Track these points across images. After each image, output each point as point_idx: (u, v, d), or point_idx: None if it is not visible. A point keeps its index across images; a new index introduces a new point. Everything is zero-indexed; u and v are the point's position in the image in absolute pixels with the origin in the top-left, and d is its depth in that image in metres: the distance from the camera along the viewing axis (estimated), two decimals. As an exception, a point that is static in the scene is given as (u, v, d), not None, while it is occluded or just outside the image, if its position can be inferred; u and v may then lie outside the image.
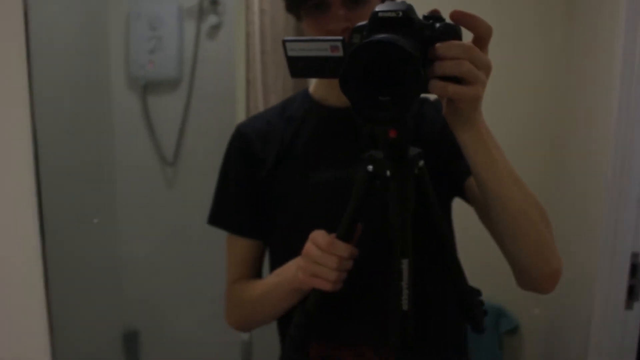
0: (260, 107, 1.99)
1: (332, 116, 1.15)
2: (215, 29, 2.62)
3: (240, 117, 1.98)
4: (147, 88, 2.66)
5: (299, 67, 0.84)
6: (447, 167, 1.08)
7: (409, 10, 0.77)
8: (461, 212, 1.12)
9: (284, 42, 0.84)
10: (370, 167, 0.88)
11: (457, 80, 0.76)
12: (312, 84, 1.23)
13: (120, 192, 2.71)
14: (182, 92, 2.65)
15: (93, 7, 2.61)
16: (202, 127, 2.59)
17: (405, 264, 0.88)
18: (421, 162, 0.88)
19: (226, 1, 2.60)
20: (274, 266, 1.20)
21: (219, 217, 1.24)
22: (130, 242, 2.71)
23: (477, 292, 1.04)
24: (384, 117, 0.74)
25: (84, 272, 2.40)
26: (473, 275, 1.11)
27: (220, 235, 1.27)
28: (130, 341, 2.84)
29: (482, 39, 0.79)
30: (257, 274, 1.24)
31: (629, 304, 1.87)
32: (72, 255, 2.26)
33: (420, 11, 0.80)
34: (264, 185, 1.16)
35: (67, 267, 2.10)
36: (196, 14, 2.63)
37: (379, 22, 0.76)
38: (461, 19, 0.77)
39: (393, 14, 0.76)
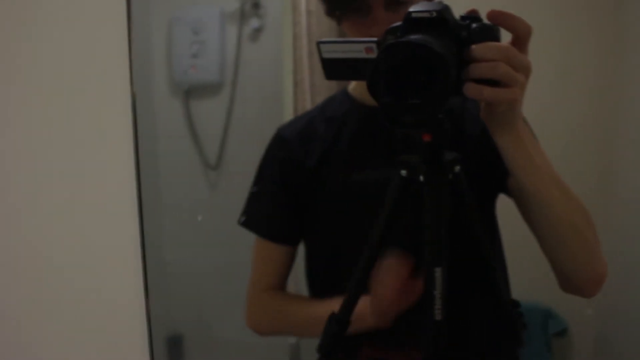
0: (308, 108, 1.99)
1: (372, 115, 1.13)
2: (257, 32, 2.62)
3: (289, 119, 1.98)
4: (190, 92, 2.67)
5: (334, 69, 0.84)
6: (491, 165, 1.06)
7: (444, 10, 0.75)
8: (508, 209, 1.10)
9: (318, 43, 0.83)
10: (404, 172, 0.86)
11: (493, 82, 0.75)
12: (352, 83, 1.22)
13: (165, 196, 2.73)
14: (225, 96, 2.65)
15: (134, 13, 2.63)
16: (246, 131, 2.59)
17: (438, 272, 0.86)
18: (457, 168, 0.86)
19: (268, 4, 2.61)
20: (313, 266, 1.19)
21: (253, 220, 1.24)
22: (175, 246, 2.72)
23: (516, 304, 1.02)
24: (411, 120, 0.72)
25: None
26: (521, 275, 1.10)
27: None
28: (175, 345, 2.85)
29: (521, 39, 0.77)
30: (284, 280, 1.23)
31: (689, 305, 1.82)
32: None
33: (459, 11, 0.79)
34: (305, 187, 1.15)
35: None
36: (238, 18, 2.63)
37: (412, 22, 0.75)
38: (498, 18, 0.76)
39: (427, 14, 0.74)
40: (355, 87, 1.20)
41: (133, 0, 1.37)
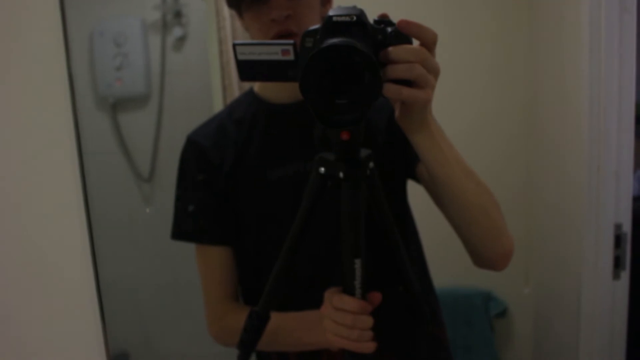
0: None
1: (282, 113, 1.16)
2: (181, 40, 2.61)
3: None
4: (117, 106, 2.63)
5: (249, 70, 0.84)
6: (399, 154, 1.12)
7: (362, 14, 0.78)
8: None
9: (234, 45, 0.84)
10: (322, 169, 0.88)
11: (408, 83, 0.79)
12: (257, 83, 1.22)
13: (96, 212, 2.67)
14: (153, 107, 2.63)
15: (55, 27, 2.57)
16: (177, 140, 2.56)
17: (358, 263, 0.88)
18: (371, 164, 0.88)
19: (189, 12, 2.60)
20: (243, 268, 1.19)
21: (184, 230, 1.21)
22: (111, 262, 2.65)
23: (425, 292, 1.09)
24: (343, 120, 0.75)
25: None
26: (461, 261, 1.13)
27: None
28: (121, 364, 2.79)
29: (428, 46, 0.81)
30: (236, 282, 1.22)
31: (616, 274, 1.91)
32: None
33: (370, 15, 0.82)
34: (225, 190, 1.15)
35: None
36: (160, 28, 2.61)
37: (333, 25, 0.77)
38: (408, 27, 0.80)
39: (347, 18, 0.77)
40: (261, 87, 1.20)
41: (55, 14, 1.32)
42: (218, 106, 1.93)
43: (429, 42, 0.82)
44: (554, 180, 2.29)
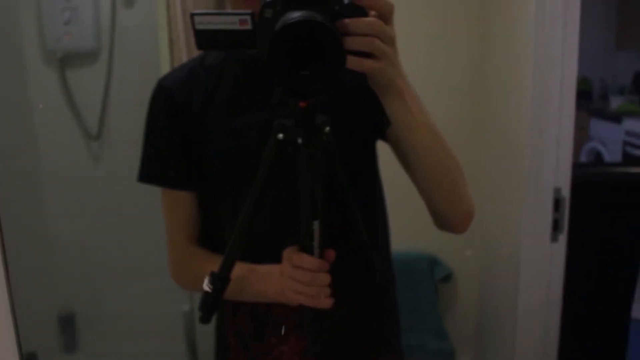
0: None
1: (249, 64, 1.17)
2: (132, -4, 2.56)
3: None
4: (65, 61, 2.57)
5: (207, 39, 0.86)
6: (369, 114, 1.13)
7: None
8: (392, 162, 1.16)
9: (192, 15, 0.85)
10: (280, 136, 0.90)
11: (367, 55, 0.83)
12: None
13: (45, 170, 2.63)
14: (103, 63, 2.58)
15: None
16: (127, 98, 2.52)
17: (316, 225, 0.93)
18: (327, 128, 0.91)
19: (141, -33, 2.55)
20: (209, 213, 1.21)
21: (151, 173, 1.22)
22: (60, 221, 2.63)
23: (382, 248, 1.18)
24: (308, 90, 0.79)
25: (12, 253, 2.32)
26: (407, 225, 1.16)
27: (153, 207, 1.26)
28: (67, 323, 2.77)
29: (385, 16, 0.84)
30: (199, 228, 1.24)
31: (554, 237, 1.97)
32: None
33: None
34: (192, 135, 1.16)
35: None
36: (110, -18, 2.56)
37: None
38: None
39: None
40: None
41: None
42: (165, 60, 1.91)
43: (385, 13, 0.85)
44: (497, 143, 2.33)
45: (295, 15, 0.76)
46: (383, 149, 1.19)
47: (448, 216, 1.12)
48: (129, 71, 2.53)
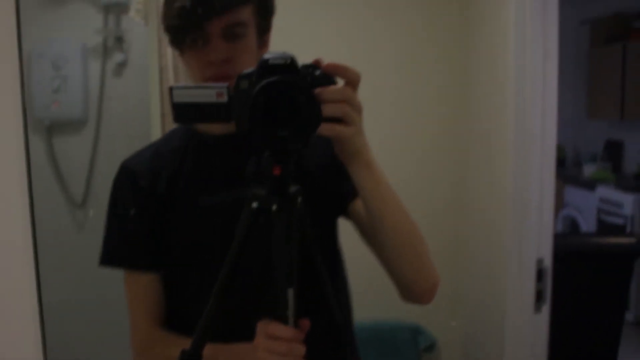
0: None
1: (213, 144, 1.19)
2: (122, 66, 2.61)
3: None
4: (53, 129, 2.59)
5: (185, 112, 0.90)
6: (333, 189, 1.17)
7: (294, 58, 0.86)
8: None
9: (171, 88, 0.89)
10: (255, 204, 0.92)
11: (337, 121, 0.88)
12: None
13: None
14: (90, 132, 2.60)
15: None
16: (113, 167, 2.52)
17: (290, 293, 0.93)
18: (300, 199, 0.94)
19: (131, 38, 2.61)
20: (172, 296, 1.19)
21: (114, 256, 1.21)
22: (42, 289, 2.58)
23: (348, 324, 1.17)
24: (287, 149, 0.84)
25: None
26: (388, 294, 1.18)
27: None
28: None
29: (352, 84, 0.91)
30: (163, 311, 1.22)
31: (537, 308, 1.99)
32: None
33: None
34: (156, 217, 1.16)
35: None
36: (101, 52, 2.61)
37: (268, 68, 0.85)
38: (333, 70, 0.90)
39: (282, 61, 0.85)
40: None
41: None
42: (156, 134, 1.94)
43: (353, 82, 0.91)
44: (481, 214, 2.38)
45: (274, 78, 0.82)
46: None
47: (414, 287, 1.13)
48: (117, 140, 2.55)
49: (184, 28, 1.08)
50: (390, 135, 2.40)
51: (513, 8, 1.97)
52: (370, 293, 1.44)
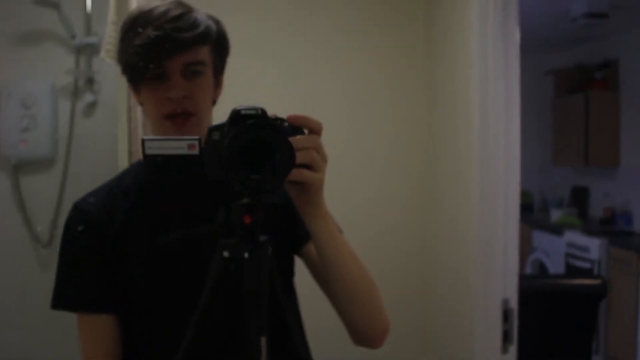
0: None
1: (167, 183, 1.18)
2: (92, 106, 2.61)
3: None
4: (20, 167, 2.57)
5: (156, 164, 0.91)
6: (290, 229, 1.20)
7: (264, 110, 0.90)
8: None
9: (143, 140, 0.91)
10: (226, 253, 0.92)
11: (305, 168, 0.93)
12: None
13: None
14: (58, 170, 2.58)
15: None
16: (80, 205, 2.52)
17: (263, 341, 0.93)
18: (269, 247, 0.94)
19: (102, 79, 2.62)
20: (133, 334, 1.16)
21: (66, 299, 1.15)
22: (3, 329, 2.52)
23: None
24: (260, 192, 0.85)
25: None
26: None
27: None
28: None
29: (315, 133, 0.96)
30: (121, 354, 1.18)
31: (504, 348, 2.00)
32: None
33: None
34: (110, 257, 1.14)
35: None
36: (71, 92, 2.61)
37: (240, 118, 0.87)
38: (296, 120, 0.95)
39: (254, 112, 0.89)
40: None
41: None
42: (124, 171, 1.94)
43: (316, 131, 0.96)
44: (447, 257, 2.40)
45: (250, 121, 0.84)
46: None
47: (367, 331, 1.16)
48: (85, 179, 2.52)
49: (144, 65, 1.08)
50: (357, 187, 2.45)
51: (477, 65, 2.04)
52: (337, 334, 1.43)
